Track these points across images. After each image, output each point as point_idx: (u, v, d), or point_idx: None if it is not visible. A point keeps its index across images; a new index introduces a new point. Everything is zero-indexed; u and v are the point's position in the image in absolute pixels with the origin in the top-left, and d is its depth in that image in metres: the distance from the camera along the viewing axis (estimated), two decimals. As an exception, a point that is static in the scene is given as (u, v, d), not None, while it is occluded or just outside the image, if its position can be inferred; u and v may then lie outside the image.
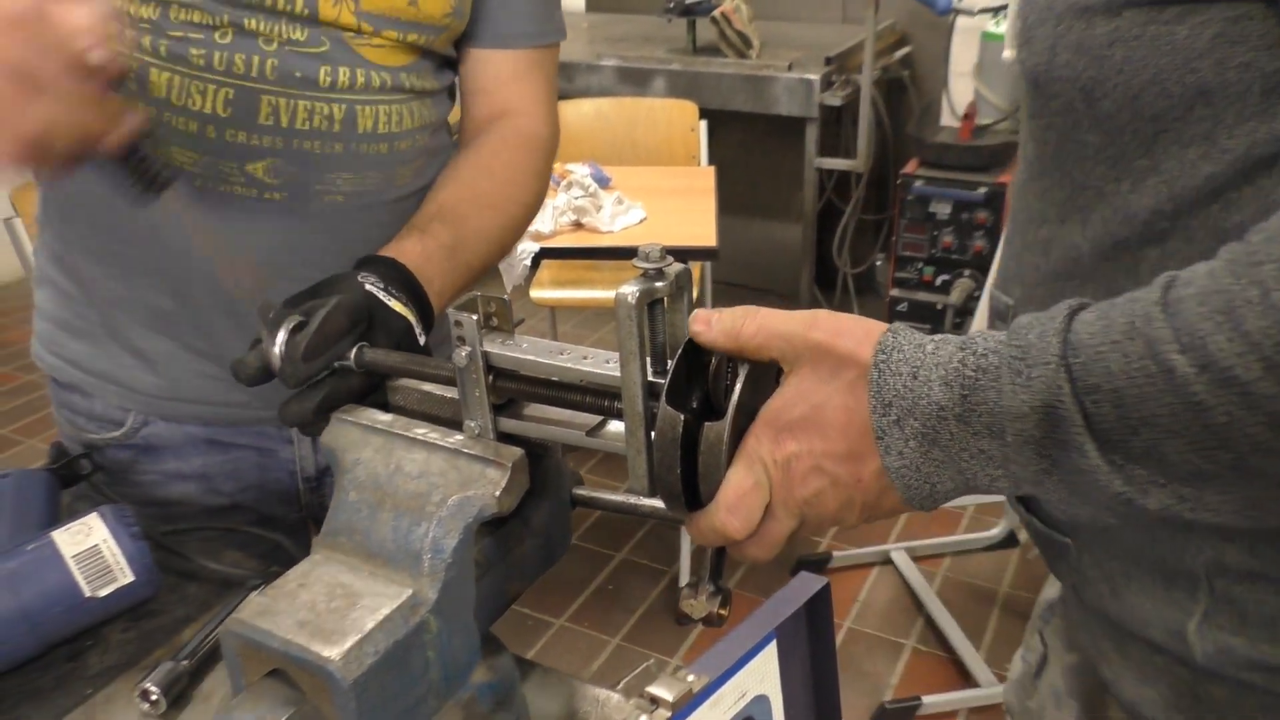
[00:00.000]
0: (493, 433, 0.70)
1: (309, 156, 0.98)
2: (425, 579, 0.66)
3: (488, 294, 0.70)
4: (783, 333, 0.60)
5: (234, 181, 0.97)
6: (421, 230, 0.98)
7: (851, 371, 0.58)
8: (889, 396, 0.56)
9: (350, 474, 0.70)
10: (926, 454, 0.56)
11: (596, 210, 2.52)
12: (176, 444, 1.10)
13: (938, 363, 0.56)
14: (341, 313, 0.78)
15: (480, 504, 0.67)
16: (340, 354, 0.77)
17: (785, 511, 0.61)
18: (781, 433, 0.60)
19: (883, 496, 0.59)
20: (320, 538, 0.70)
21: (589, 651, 2.40)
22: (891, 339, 0.58)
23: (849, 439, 0.58)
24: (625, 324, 0.60)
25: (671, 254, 0.62)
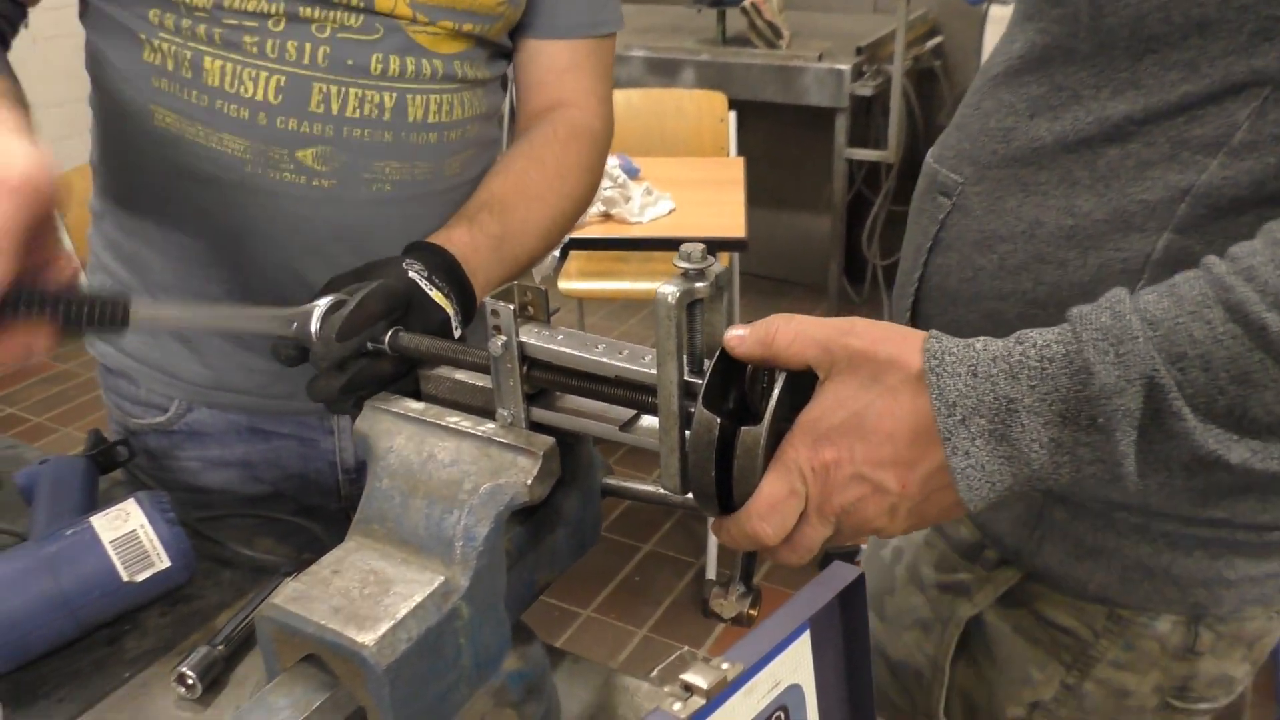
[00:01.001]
0: (525, 422, 0.70)
1: (359, 145, 0.98)
2: (457, 566, 0.66)
3: (524, 284, 0.70)
4: (819, 339, 0.60)
5: (284, 169, 0.97)
6: (470, 220, 0.98)
7: (894, 376, 0.58)
8: (952, 397, 0.57)
9: (383, 461, 0.71)
10: (993, 451, 0.57)
11: (625, 201, 2.52)
12: (219, 431, 1.11)
13: (994, 357, 0.57)
14: (379, 297, 0.78)
15: (512, 492, 0.67)
16: (374, 337, 0.77)
17: (820, 519, 0.61)
18: (820, 440, 0.60)
19: (929, 502, 0.60)
20: (353, 525, 0.71)
21: (616, 643, 2.41)
22: (937, 343, 0.59)
23: (895, 445, 0.58)
24: (664, 323, 0.61)
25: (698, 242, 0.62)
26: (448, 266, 0.90)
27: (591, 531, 0.80)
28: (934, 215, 0.84)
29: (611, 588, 2.59)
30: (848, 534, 0.62)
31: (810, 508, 0.61)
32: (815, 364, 0.60)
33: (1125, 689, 0.86)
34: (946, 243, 0.82)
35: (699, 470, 0.61)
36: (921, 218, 0.86)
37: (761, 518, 0.61)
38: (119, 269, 1.09)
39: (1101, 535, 0.80)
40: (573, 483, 0.76)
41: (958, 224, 0.81)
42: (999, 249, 0.77)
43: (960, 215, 0.81)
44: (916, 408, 0.58)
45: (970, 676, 0.95)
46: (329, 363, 0.76)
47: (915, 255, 0.86)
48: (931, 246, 0.83)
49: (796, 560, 0.63)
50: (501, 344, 0.68)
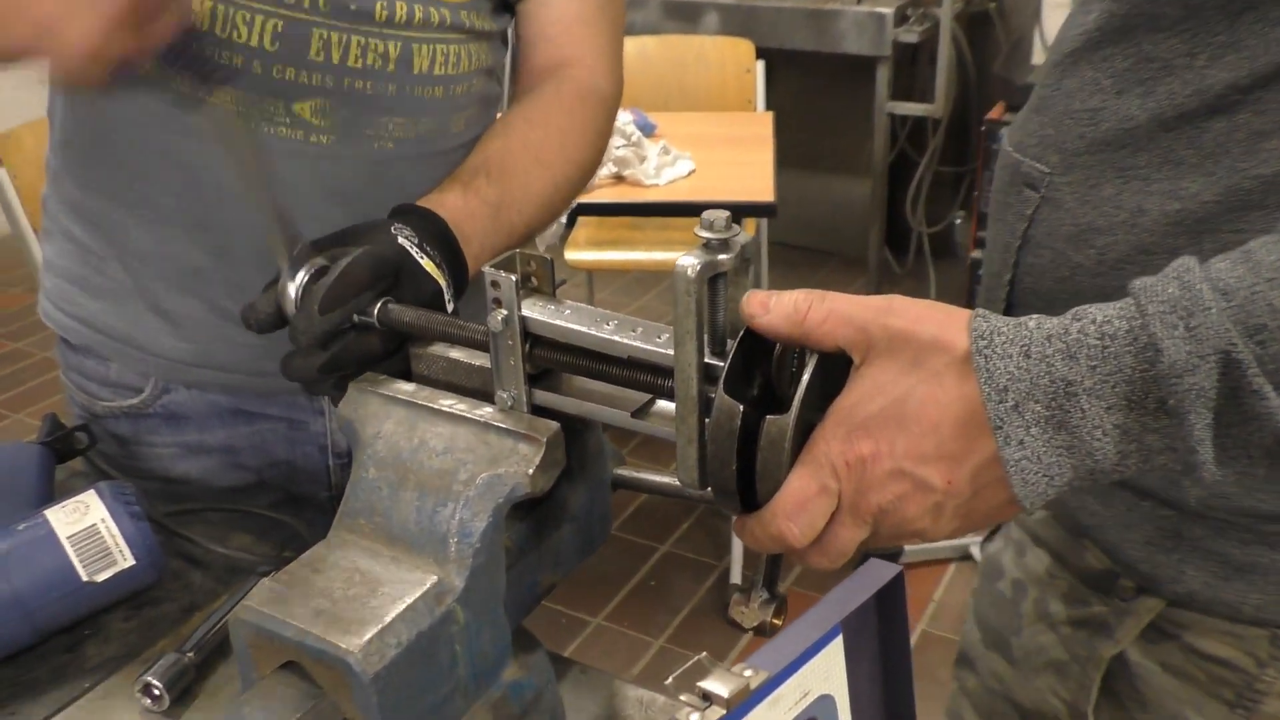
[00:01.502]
0: (527, 406, 0.71)
1: (360, 97, 0.99)
2: (451, 565, 0.67)
3: (528, 252, 0.71)
4: (855, 319, 0.60)
5: (279, 122, 0.97)
6: (465, 184, 0.99)
7: (939, 359, 0.58)
8: (1003, 380, 0.57)
9: (370, 449, 0.72)
10: (1050, 440, 0.57)
11: (639, 162, 2.52)
12: (199, 413, 1.12)
13: (1049, 336, 0.57)
14: (365, 264, 0.79)
15: (512, 483, 0.68)
16: (360, 309, 0.78)
17: (855, 519, 0.61)
18: (855, 431, 0.59)
19: (979, 499, 0.60)
20: (338, 519, 0.72)
21: (629, 654, 2.43)
22: (985, 321, 0.58)
23: (939, 436, 0.58)
24: (683, 299, 0.61)
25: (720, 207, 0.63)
26: (439, 233, 0.90)
27: (601, 528, 0.81)
28: (1020, 211, 0.83)
29: (624, 593, 2.61)
30: (886, 536, 0.62)
31: (843, 507, 0.61)
32: (850, 346, 0.61)
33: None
34: (1037, 240, 0.82)
35: (719, 463, 0.62)
36: (1007, 214, 0.86)
37: (788, 517, 0.61)
38: (83, 234, 1.09)
39: (1251, 550, 0.79)
40: (580, 473, 0.77)
41: (1048, 218, 0.81)
42: (1097, 243, 0.77)
43: (1050, 209, 0.81)
44: (963, 394, 0.58)
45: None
46: (310, 338, 0.77)
47: (1003, 255, 0.85)
48: (1020, 245, 0.83)
49: (827, 564, 0.63)
50: (502, 318, 0.69)
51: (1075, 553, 0.92)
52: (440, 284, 0.85)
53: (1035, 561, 0.97)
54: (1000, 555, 1.03)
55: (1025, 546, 0.98)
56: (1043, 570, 0.96)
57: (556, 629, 2.47)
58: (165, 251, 1.05)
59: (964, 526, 0.62)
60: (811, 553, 0.63)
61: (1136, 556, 0.85)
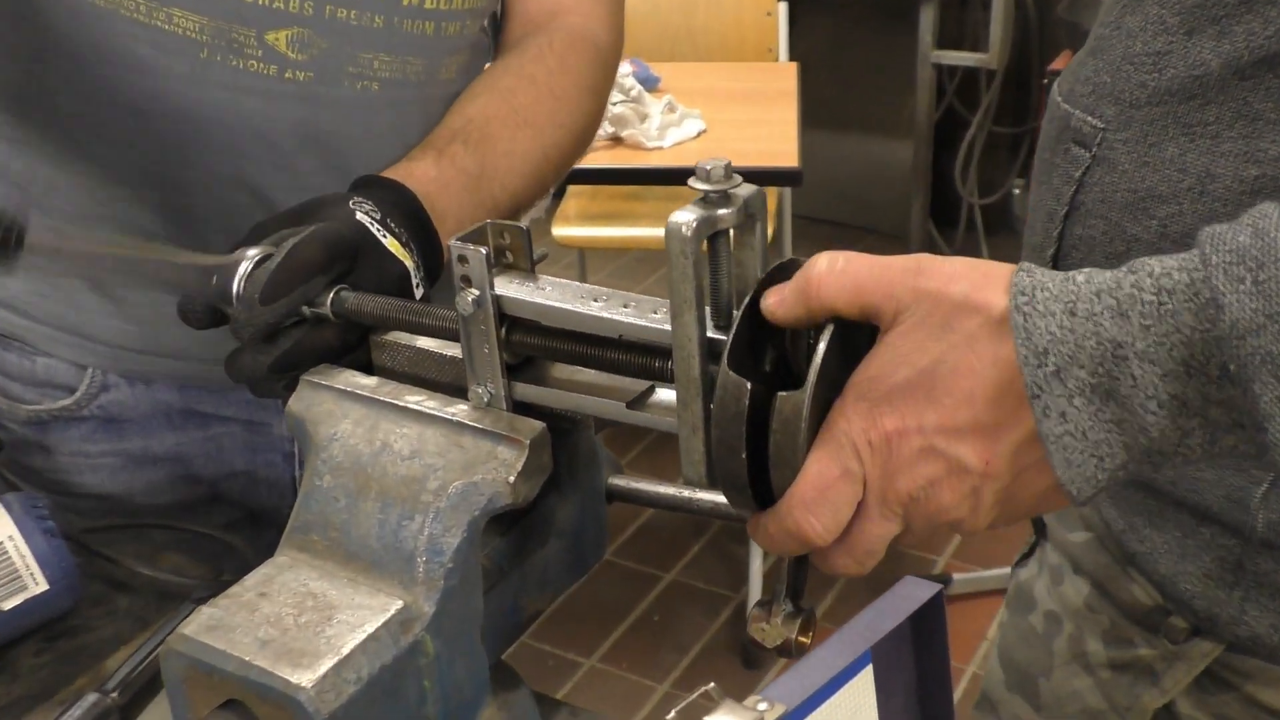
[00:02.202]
0: (506, 401, 0.71)
1: (344, 29, 0.99)
2: (420, 588, 0.68)
3: (501, 222, 0.71)
4: (877, 281, 0.61)
5: (248, 54, 0.98)
6: (439, 151, 0.99)
7: (973, 321, 0.59)
8: (1043, 342, 0.57)
9: (324, 453, 0.72)
10: (1098, 413, 0.57)
11: (640, 121, 2.53)
12: (144, 415, 1.11)
13: (1098, 291, 0.57)
14: (316, 245, 0.79)
15: (489, 492, 0.68)
16: (310, 297, 0.79)
17: (883, 509, 0.62)
18: (879, 405, 0.60)
19: (1022, 483, 0.60)
20: (286, 535, 0.72)
21: (628, 700, 2.43)
22: (1028, 276, 0.59)
23: (974, 407, 0.59)
24: (678, 262, 0.61)
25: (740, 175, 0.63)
26: (407, 207, 0.90)
27: (594, 546, 0.82)
28: (1068, 172, 0.84)
29: (623, 629, 2.62)
30: (920, 529, 0.63)
31: (870, 495, 0.61)
32: (873, 312, 0.61)
33: None
34: (1087, 208, 0.82)
35: (727, 451, 0.62)
36: (1052, 176, 0.86)
37: (807, 507, 0.61)
38: (2, 196, 1.06)
39: None
40: (569, 481, 0.78)
41: (1101, 182, 0.81)
42: (1158, 213, 0.77)
43: (1103, 170, 0.81)
44: (999, 358, 0.58)
45: None
46: (253, 332, 0.78)
47: (1046, 226, 0.86)
48: (1067, 214, 0.83)
49: (854, 567, 0.63)
50: (472, 300, 0.69)
51: (1120, 584, 0.91)
52: (406, 265, 0.86)
53: (1073, 592, 0.97)
54: (1033, 583, 1.03)
55: (1063, 573, 0.98)
56: (1081, 602, 0.96)
57: (543, 671, 2.48)
58: (106, 213, 1.04)
59: (1008, 516, 0.62)
60: (836, 553, 0.63)
61: (1192, 591, 0.85)
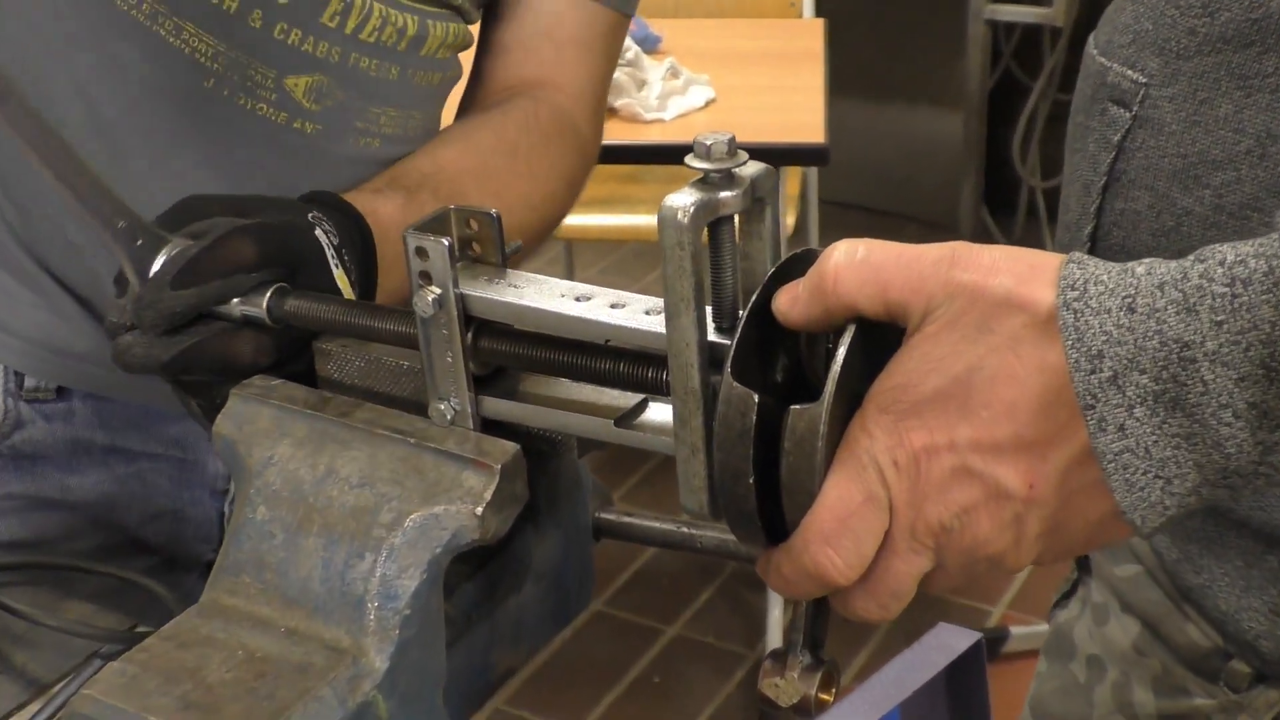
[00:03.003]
0: (473, 419, 0.72)
1: (362, 80, 1.07)
2: (370, 639, 0.68)
3: (467, 207, 0.72)
4: (904, 272, 0.61)
5: (261, 96, 1.03)
6: (409, 194, 1.03)
7: (1015, 320, 0.59)
8: (1097, 343, 0.57)
9: (258, 480, 0.73)
10: (1162, 425, 0.57)
11: (638, 88, 2.53)
12: (62, 453, 1.13)
13: (1161, 284, 0.57)
14: (253, 239, 0.81)
15: (453, 527, 0.69)
16: (229, 294, 0.79)
17: (912, 541, 0.62)
18: (906, 418, 0.61)
19: (1073, 510, 0.61)
20: (213, 577, 0.73)
21: (626, 778, 2.44)
22: (1079, 268, 0.59)
23: (1016, 420, 0.59)
24: (674, 254, 0.62)
25: (748, 153, 0.64)
26: (363, 246, 0.92)
27: (578, 591, 0.82)
28: (1105, 136, 0.85)
29: (617, 694, 2.61)
30: (955, 565, 0.63)
31: (896, 524, 0.62)
32: (900, 310, 0.62)
33: None
34: (1129, 177, 0.83)
35: (731, 476, 0.63)
36: (1087, 141, 0.87)
37: (825, 540, 0.62)
38: None
39: None
40: (549, 514, 0.79)
41: (1144, 147, 0.82)
42: (1212, 180, 0.78)
43: (1147, 133, 0.82)
44: (1045, 363, 0.58)
45: None
46: (152, 317, 0.78)
47: (1082, 199, 0.87)
48: (1106, 185, 0.84)
49: (877, 611, 0.64)
50: (433, 299, 0.70)
51: (1173, 623, 0.92)
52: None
53: (1119, 633, 0.98)
54: (1072, 625, 1.04)
55: (1108, 613, 0.99)
56: (1128, 645, 0.97)
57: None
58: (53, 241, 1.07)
59: (1056, 550, 0.63)
60: (858, 595, 0.64)
61: (1256, 631, 0.85)
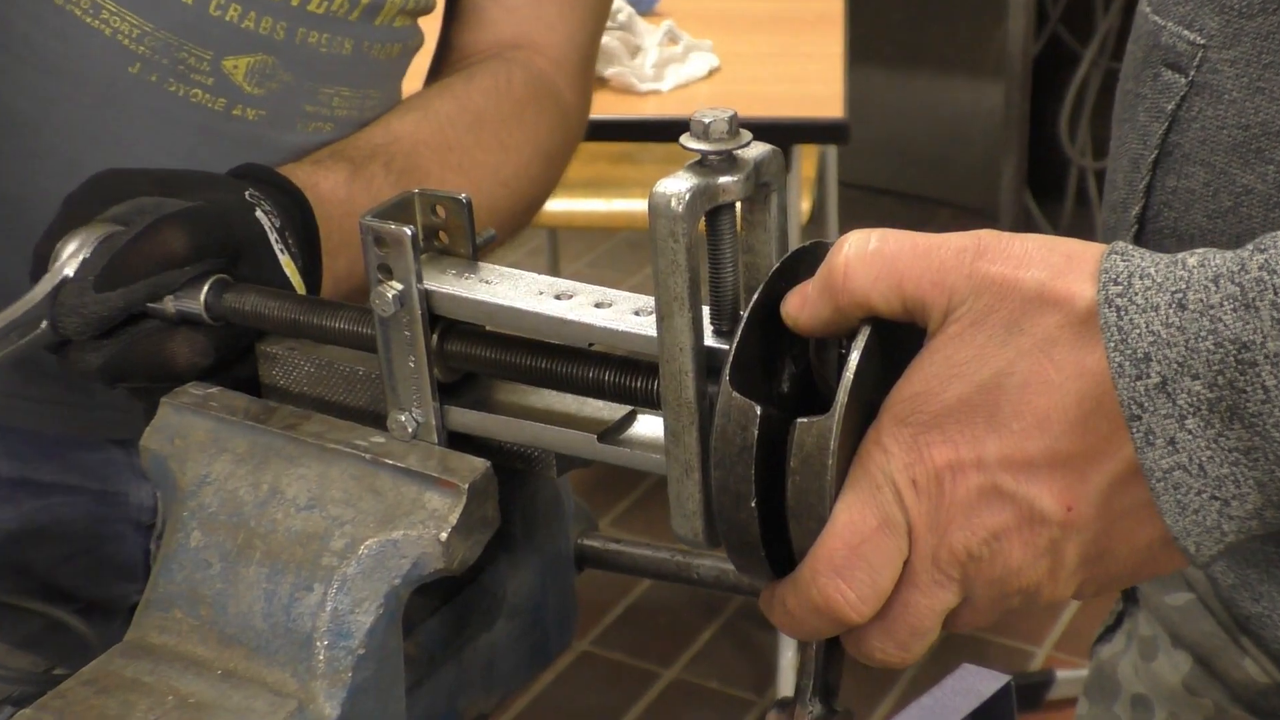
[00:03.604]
0: (438, 432, 0.73)
1: (311, 58, 1.06)
2: (320, 682, 0.68)
3: (434, 191, 0.73)
4: (923, 264, 0.61)
5: (195, 81, 1.03)
6: (355, 167, 1.03)
7: (1050, 318, 0.59)
8: (1143, 345, 0.58)
9: (192, 501, 0.73)
10: (1219, 439, 0.57)
11: (631, 55, 2.54)
12: None
13: (1215, 277, 0.57)
14: (186, 228, 0.81)
15: (414, 554, 0.69)
16: (161, 291, 0.80)
17: (934, 573, 0.62)
18: (926, 432, 0.61)
19: (1118, 535, 0.61)
20: (140, 611, 0.73)
21: (616, 842, 2.44)
22: (1123, 260, 0.59)
23: (1051, 433, 0.59)
24: (667, 247, 0.62)
25: (756, 130, 0.64)
26: (306, 229, 0.93)
27: (559, 628, 0.83)
28: (1158, 105, 0.85)
29: (609, 746, 2.62)
30: (984, 600, 0.63)
31: (917, 552, 0.62)
32: (918, 307, 0.62)
33: None
34: (1183, 150, 0.83)
35: (729, 498, 0.63)
36: (1137, 110, 0.87)
37: (837, 572, 0.62)
38: None
39: None
40: (524, 540, 0.79)
41: (1201, 116, 0.82)
42: (1276, 155, 0.78)
43: (1204, 101, 0.82)
44: (1084, 368, 0.59)
45: None
46: (78, 325, 0.79)
47: (1130, 175, 0.87)
48: (1157, 160, 0.85)
49: (896, 652, 0.64)
50: (394, 296, 0.70)
51: (1229, 657, 0.93)
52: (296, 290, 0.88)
53: (1169, 669, 0.98)
54: (1117, 662, 1.05)
55: (1157, 647, 1.00)
56: (1178, 682, 0.97)
57: (501, 802, 2.49)
58: None
59: (1099, 581, 0.63)
60: (874, 634, 0.64)
61: None
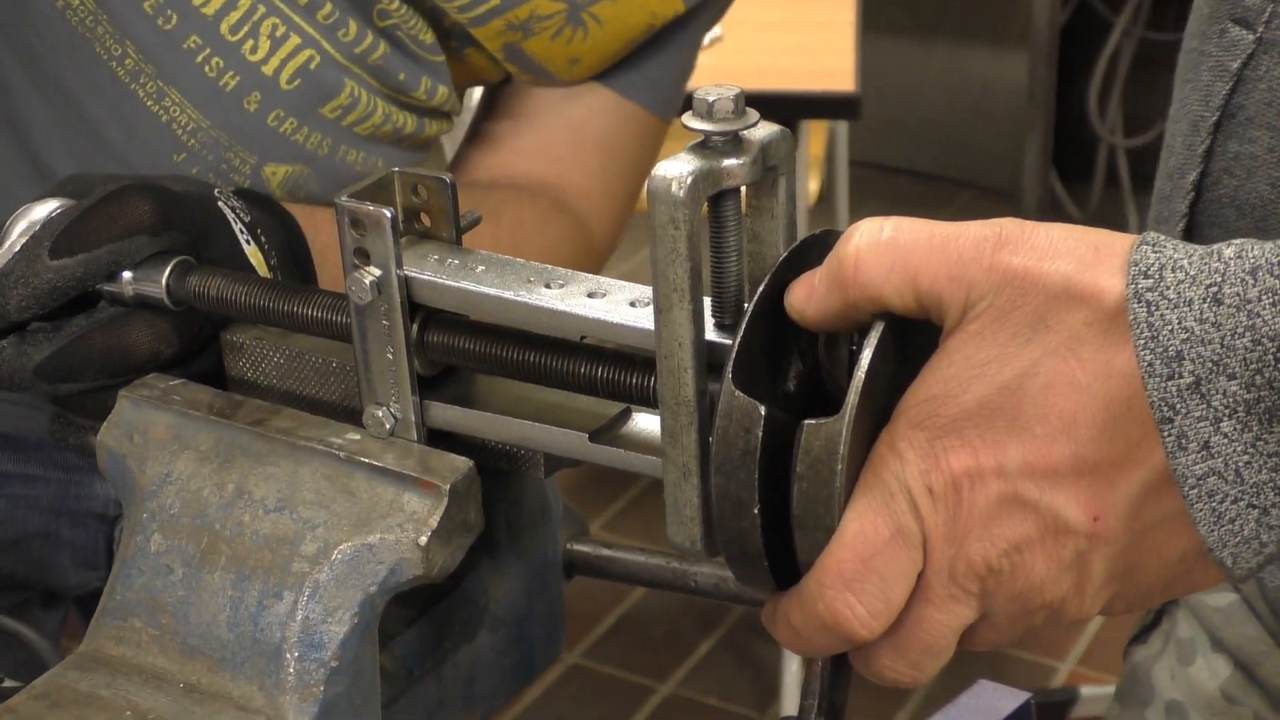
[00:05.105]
0: (418, 429, 0.73)
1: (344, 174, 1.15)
2: (289, 697, 0.68)
3: (414, 171, 0.73)
4: (939, 256, 0.61)
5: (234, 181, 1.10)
6: None
7: (1076, 314, 0.59)
8: (1175, 343, 0.58)
9: (153, 503, 0.73)
10: (1256, 442, 0.58)
11: (627, 24, 2.54)
12: None
13: (1254, 268, 0.57)
14: (146, 195, 0.81)
15: (391, 560, 0.69)
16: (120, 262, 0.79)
17: (950, 587, 0.63)
18: (943, 436, 0.61)
19: (1149, 548, 0.61)
20: (96, 620, 0.73)
21: None
22: (1154, 251, 0.59)
23: (1076, 438, 0.59)
24: (666, 234, 0.62)
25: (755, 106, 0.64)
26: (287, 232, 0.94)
27: (546, 639, 0.83)
28: (1222, 63, 0.85)
29: (601, 765, 2.62)
30: (1005, 616, 0.64)
31: (932, 565, 0.62)
32: (933, 302, 0.62)
33: None
34: (1247, 113, 0.83)
35: (730, 504, 0.63)
36: (1200, 69, 0.87)
37: (846, 585, 0.62)
38: None
39: None
40: (509, 546, 0.79)
41: (1269, 76, 0.82)
42: None
43: (1273, 60, 0.82)
44: (1112, 368, 0.59)
45: None
46: (25, 296, 0.78)
47: (1189, 139, 0.87)
48: (1219, 122, 0.84)
49: (908, 671, 0.64)
50: (371, 283, 0.70)
51: (1273, 663, 0.93)
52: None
53: (1207, 674, 0.99)
54: (1151, 665, 1.05)
55: (1194, 650, 1.00)
56: (1216, 689, 0.98)
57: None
58: None
59: (1129, 597, 0.63)
60: (884, 651, 0.64)
61: None
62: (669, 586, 0.80)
